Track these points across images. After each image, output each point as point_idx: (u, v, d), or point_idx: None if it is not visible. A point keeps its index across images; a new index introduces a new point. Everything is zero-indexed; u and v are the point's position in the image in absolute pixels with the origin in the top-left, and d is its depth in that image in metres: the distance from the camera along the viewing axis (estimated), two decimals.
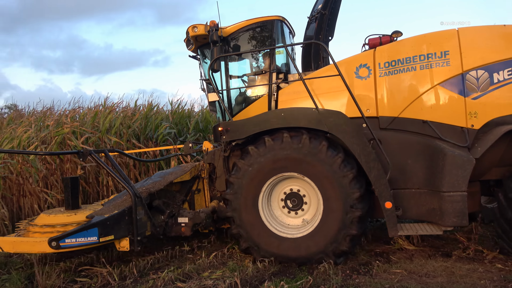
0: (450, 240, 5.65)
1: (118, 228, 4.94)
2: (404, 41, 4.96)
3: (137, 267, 5.06)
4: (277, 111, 5.15)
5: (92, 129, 9.23)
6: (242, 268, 4.77)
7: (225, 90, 5.82)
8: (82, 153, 5.33)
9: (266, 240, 4.95)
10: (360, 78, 5.03)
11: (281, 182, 5.17)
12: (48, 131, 8.67)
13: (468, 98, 4.57)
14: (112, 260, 5.50)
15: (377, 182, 4.58)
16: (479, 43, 4.59)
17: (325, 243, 4.71)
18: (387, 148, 4.83)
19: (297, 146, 4.77)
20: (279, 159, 4.86)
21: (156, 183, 5.59)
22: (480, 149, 4.42)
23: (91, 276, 4.88)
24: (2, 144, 8.32)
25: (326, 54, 5.89)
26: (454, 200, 4.35)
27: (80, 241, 4.70)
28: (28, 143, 8.41)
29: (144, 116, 10.36)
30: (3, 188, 7.86)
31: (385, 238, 5.83)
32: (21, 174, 7.96)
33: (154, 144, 9.56)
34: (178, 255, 5.64)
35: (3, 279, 4.79)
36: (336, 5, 5.92)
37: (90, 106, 10.99)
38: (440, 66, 4.66)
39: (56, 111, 10.63)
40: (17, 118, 10.31)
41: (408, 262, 4.82)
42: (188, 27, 5.76)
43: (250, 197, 4.99)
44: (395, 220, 4.55)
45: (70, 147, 8.61)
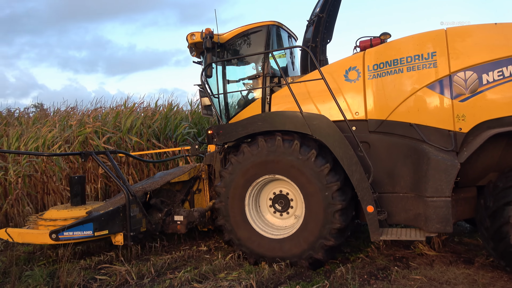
0: (472, 246, 5.49)
1: (112, 224, 5.33)
2: (392, 42, 4.86)
3: (154, 267, 5.15)
4: (263, 115, 5.28)
5: (114, 129, 9.44)
6: (258, 270, 4.79)
7: (221, 94, 5.99)
8: (84, 154, 5.80)
9: (247, 236, 5.12)
10: (349, 81, 4.99)
11: (272, 182, 5.29)
12: (71, 131, 8.90)
13: (455, 101, 4.40)
14: (131, 258, 5.62)
15: (359, 186, 4.56)
16: (468, 43, 4.39)
17: (302, 249, 4.79)
18: (375, 151, 4.80)
19: (287, 151, 4.86)
20: (266, 162, 4.98)
21: (153, 183, 5.93)
22: (466, 153, 4.27)
23: (110, 274, 5.00)
24: (27, 143, 8.61)
25: (323, 57, 5.93)
26: (437, 206, 4.24)
27: (76, 234, 5.17)
28: (53, 142, 8.67)
29: (164, 116, 10.52)
30: (28, 186, 8.11)
31: (405, 243, 5.72)
32: (45, 172, 8.23)
33: (173, 144, 9.67)
34: (195, 255, 5.70)
35: (26, 275, 4.96)
36: (334, 8, 5.89)
37: (112, 106, 11.20)
38: (427, 68, 4.52)
39: (79, 111, 10.88)
40: (42, 117, 10.63)
41: (428, 268, 4.71)
42: (187, 35, 5.97)
43: (238, 193, 5.16)
44: (377, 224, 4.51)
45: (92, 146, 8.81)
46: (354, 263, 5.06)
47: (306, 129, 4.85)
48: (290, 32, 6.42)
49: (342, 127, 4.81)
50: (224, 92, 5.97)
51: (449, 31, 4.47)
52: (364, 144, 4.83)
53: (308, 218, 4.78)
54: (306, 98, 5.20)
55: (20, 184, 7.96)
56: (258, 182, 5.13)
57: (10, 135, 9.10)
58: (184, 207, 6.25)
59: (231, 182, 5.18)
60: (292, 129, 4.94)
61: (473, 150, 4.20)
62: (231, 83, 6.04)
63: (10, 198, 7.90)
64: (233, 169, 5.17)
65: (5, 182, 8.11)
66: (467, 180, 4.61)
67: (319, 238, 4.68)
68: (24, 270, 5.18)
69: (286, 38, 6.27)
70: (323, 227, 4.66)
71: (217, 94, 5.99)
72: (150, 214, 5.90)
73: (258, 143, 5.03)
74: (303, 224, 4.83)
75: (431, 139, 4.48)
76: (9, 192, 8.02)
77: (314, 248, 4.71)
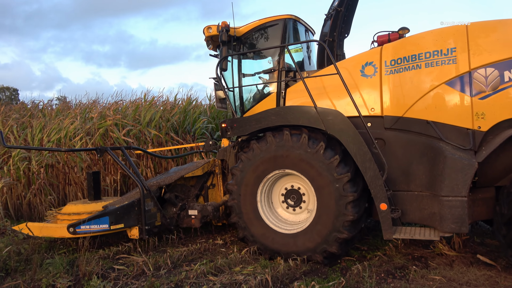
0: (494, 247, 5.32)
1: (128, 218, 5.47)
2: (410, 37, 4.74)
3: (171, 258, 5.20)
4: (277, 109, 5.24)
5: (133, 122, 9.56)
6: (273, 265, 4.77)
7: (236, 88, 5.97)
8: (100, 149, 5.92)
9: (261, 232, 5.14)
10: (365, 77, 4.90)
11: (283, 177, 5.28)
12: (92, 123, 9.05)
13: (475, 98, 4.26)
14: (148, 250, 5.70)
15: (372, 183, 4.50)
16: (490, 39, 4.23)
17: (315, 242, 4.77)
18: (390, 148, 4.72)
19: (295, 145, 4.83)
20: (275, 157, 4.97)
21: (167, 178, 6.00)
22: (485, 152, 4.14)
23: (127, 265, 5.08)
24: (50, 134, 8.80)
25: (340, 52, 5.85)
26: (453, 206, 4.14)
27: (93, 228, 5.35)
28: (74, 134, 8.84)
29: (182, 110, 10.60)
30: (50, 176, 8.31)
31: (424, 242, 5.61)
32: (67, 163, 8.39)
33: (191, 138, 9.73)
34: (211, 248, 5.74)
35: (47, 262, 5.09)
36: (353, 2, 5.78)
37: (132, 100, 11.35)
38: (446, 64, 4.39)
39: (100, 104, 11.06)
40: (64, 110, 10.85)
41: (448, 268, 4.60)
42: (204, 28, 5.98)
43: (250, 190, 5.17)
44: (390, 222, 4.45)
45: (113, 138, 8.95)
46: (371, 261, 5.00)
47: (320, 125, 4.81)
48: (307, 26, 6.35)
49: (357, 123, 4.75)
50: (239, 85, 5.95)
51: (470, 26, 4.33)
52: (379, 141, 4.77)
53: (321, 211, 4.76)
54: (322, 93, 5.14)
55: (43, 174, 8.17)
56: (269, 178, 5.13)
57: (34, 126, 9.33)
58: (199, 202, 6.31)
59: (242, 179, 5.19)
60: (306, 124, 4.91)
61: (492, 150, 4.08)
62: (247, 77, 6.03)
63: (33, 188, 8.12)
64: (244, 166, 5.18)
65: (28, 172, 8.34)
66: (485, 180, 4.50)
67: (332, 231, 4.66)
68: (45, 258, 5.32)
69: (303, 32, 6.20)
70: (336, 220, 4.63)
71: (232, 87, 5.99)
72: (165, 208, 5.99)
73: (267, 138, 5.02)
74: (315, 218, 4.81)
75: (448, 137, 4.38)
76: (32, 182, 8.25)
77: (328, 241, 4.69)
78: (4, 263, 5.04)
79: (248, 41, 5.93)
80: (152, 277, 4.65)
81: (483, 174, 4.36)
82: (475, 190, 4.53)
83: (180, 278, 4.54)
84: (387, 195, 4.49)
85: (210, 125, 10.28)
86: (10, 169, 8.27)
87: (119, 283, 4.52)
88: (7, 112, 11.07)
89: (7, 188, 8.07)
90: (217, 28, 5.70)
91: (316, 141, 4.79)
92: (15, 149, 8.29)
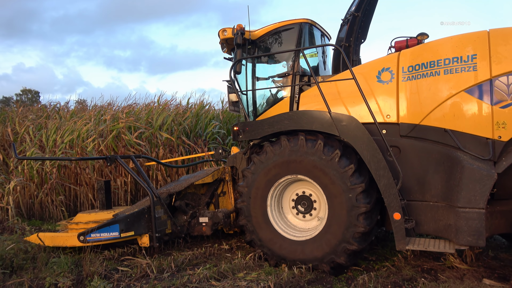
0: (508, 262, 5.11)
1: (138, 225, 5.42)
2: (429, 43, 4.62)
3: (175, 262, 5.17)
4: (290, 113, 5.15)
5: (146, 125, 9.61)
6: (277, 272, 4.69)
7: (250, 91, 5.91)
8: (110, 158, 5.92)
9: (269, 237, 5.04)
10: (381, 83, 4.80)
11: (295, 183, 5.20)
12: (105, 125, 9.14)
13: (496, 107, 4.11)
14: (153, 252, 5.69)
15: (386, 192, 4.39)
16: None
17: (323, 252, 4.66)
18: (406, 156, 4.60)
19: (310, 150, 4.74)
20: (288, 161, 4.88)
21: (177, 185, 5.96)
22: (505, 163, 3.99)
23: (132, 266, 5.07)
24: (63, 135, 8.90)
25: (356, 57, 5.76)
26: (470, 217, 3.99)
27: (103, 236, 5.30)
28: (87, 135, 8.93)
29: (195, 114, 10.61)
30: (62, 176, 8.41)
31: (434, 254, 5.42)
32: (78, 164, 8.47)
33: (203, 142, 9.73)
34: (216, 253, 5.68)
35: (53, 261, 5.12)
36: (371, 8, 5.70)
37: (146, 103, 11.44)
38: (466, 71, 4.25)
39: (114, 107, 11.19)
40: (79, 111, 10.99)
41: (458, 282, 4.42)
42: (219, 31, 5.94)
43: (260, 193, 5.10)
44: (403, 232, 4.32)
45: (125, 141, 9.01)
46: (378, 271, 4.85)
47: (334, 130, 4.72)
48: (323, 31, 6.28)
49: (372, 130, 4.65)
50: (253, 89, 5.90)
51: (491, 32, 4.19)
52: (395, 149, 4.64)
53: (331, 220, 4.64)
54: (337, 99, 5.05)
55: (55, 175, 8.26)
56: (280, 183, 5.04)
57: (49, 127, 9.48)
58: (210, 210, 6.25)
59: (254, 181, 5.11)
60: (319, 129, 4.82)
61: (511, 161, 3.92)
62: (260, 81, 5.98)
63: (45, 187, 8.22)
64: (256, 169, 5.09)
65: (42, 172, 8.46)
66: (504, 192, 4.33)
67: (341, 241, 4.54)
68: (51, 257, 5.34)
69: (319, 37, 6.13)
70: (346, 230, 4.51)
71: (246, 90, 5.93)
72: (176, 216, 5.95)
73: (281, 142, 4.94)
74: (325, 227, 4.70)
75: (466, 147, 4.23)
76: (45, 182, 8.36)
77: (336, 252, 4.57)
78: (10, 261, 5.09)
79: (263, 45, 5.89)
80: (154, 280, 4.63)
81: (502, 186, 4.21)
82: (493, 202, 4.37)
83: (182, 282, 4.50)
84: (401, 205, 4.36)
85: (221, 130, 10.27)
86: (24, 169, 8.40)
87: (121, 284, 4.51)
88: (24, 113, 11.30)
89: (20, 187, 8.19)
90: (232, 30, 5.65)
91: (332, 148, 4.70)
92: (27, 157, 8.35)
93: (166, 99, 11.54)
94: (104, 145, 8.80)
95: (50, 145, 8.92)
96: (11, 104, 16.71)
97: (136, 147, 9.00)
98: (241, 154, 5.95)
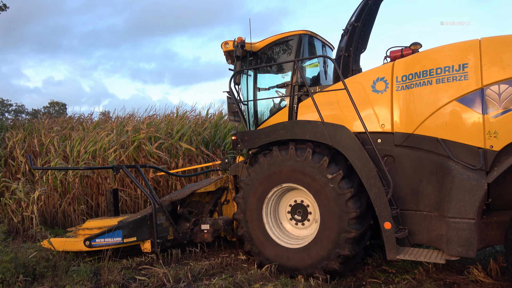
0: None
1: (140, 231, 5.65)
2: (422, 53, 4.63)
3: (192, 271, 5.19)
4: (285, 123, 5.26)
5: (166, 135, 9.75)
6: (294, 284, 4.66)
7: (250, 101, 6.08)
8: (116, 167, 6.25)
9: (260, 236, 5.17)
10: (376, 92, 4.84)
11: (290, 192, 5.30)
12: (127, 136, 9.32)
13: (487, 116, 4.06)
14: (170, 262, 5.73)
15: (377, 201, 4.40)
16: (504, 55, 4.02)
17: (317, 258, 4.71)
18: (400, 166, 4.62)
19: (299, 159, 4.84)
20: (281, 170, 5.00)
21: (180, 193, 6.18)
22: (496, 173, 3.92)
23: (149, 276, 5.12)
24: (87, 146, 9.12)
25: (356, 67, 5.80)
26: (460, 228, 3.97)
27: (107, 241, 5.56)
28: (109, 146, 9.13)
29: (213, 125, 10.69)
30: (84, 186, 8.60)
31: (458, 267, 5.25)
32: (100, 174, 8.65)
33: (221, 152, 9.79)
34: (233, 263, 5.67)
35: (73, 270, 5.24)
36: (370, 18, 5.73)
37: (165, 114, 11.62)
38: (457, 80, 4.23)
39: (135, 118, 11.41)
40: (102, 122, 11.26)
41: None
42: (222, 43, 6.13)
43: (255, 203, 5.22)
44: (394, 241, 4.30)
45: (145, 151, 9.16)
46: (398, 284, 4.71)
47: (326, 139, 4.79)
48: (324, 42, 6.38)
49: (366, 139, 4.72)
50: (254, 99, 6.05)
51: (483, 41, 4.17)
52: (389, 158, 4.68)
53: (324, 226, 4.74)
54: (335, 108, 5.15)
55: (77, 184, 8.47)
56: (275, 192, 5.16)
57: (73, 138, 9.76)
58: (213, 217, 6.39)
59: (249, 192, 5.24)
60: (312, 138, 4.90)
61: (503, 170, 3.86)
62: (262, 91, 6.13)
63: (67, 197, 8.43)
64: (250, 180, 5.23)
65: (65, 182, 8.69)
66: (501, 202, 4.25)
67: (334, 247, 4.61)
68: (71, 266, 5.47)
69: (319, 47, 6.23)
70: (338, 236, 4.58)
71: (246, 101, 6.10)
72: (179, 223, 6.16)
73: (273, 152, 5.07)
74: (318, 233, 4.80)
75: (459, 156, 4.21)
76: (68, 191, 8.57)
77: (330, 258, 4.64)
78: (33, 268, 5.22)
79: (264, 56, 6.06)
80: None
81: (499, 196, 4.15)
82: (490, 213, 4.30)
83: None
84: (393, 214, 4.37)
85: None
86: (49, 179, 8.65)
87: None
88: (50, 125, 11.66)
89: (45, 196, 8.43)
90: (233, 43, 5.83)
91: (320, 155, 4.79)
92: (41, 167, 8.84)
93: (185, 110, 11.71)
94: (126, 155, 8.97)
95: (74, 155, 9.16)
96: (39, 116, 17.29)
97: (155, 157, 9.13)
98: (242, 163, 6.09)
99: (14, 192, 8.33)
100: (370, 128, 4.78)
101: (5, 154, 9.89)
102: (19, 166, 9.43)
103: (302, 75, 5.13)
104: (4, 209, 8.52)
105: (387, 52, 5.09)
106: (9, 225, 8.26)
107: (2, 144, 10.36)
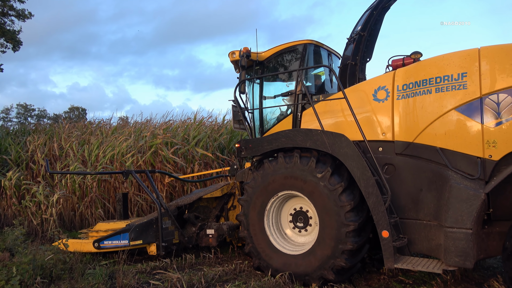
0: None
1: (146, 235, 5.84)
2: (422, 62, 4.62)
3: (205, 277, 5.19)
4: (287, 131, 5.30)
5: (182, 141, 9.83)
6: None
7: (256, 110, 6.20)
8: (125, 173, 6.46)
9: (266, 249, 5.22)
10: (377, 101, 4.87)
11: (292, 199, 5.35)
12: (145, 141, 9.44)
13: (486, 125, 4.01)
14: (184, 267, 5.76)
15: (375, 209, 4.40)
16: (503, 64, 3.98)
17: (313, 267, 4.75)
18: (400, 174, 4.62)
19: (303, 167, 4.88)
20: (284, 177, 5.05)
21: (186, 198, 6.34)
22: (493, 183, 3.88)
23: (163, 280, 5.14)
24: (106, 150, 9.28)
25: (362, 76, 5.82)
26: (457, 238, 3.94)
27: (115, 243, 5.78)
28: (127, 150, 9.26)
29: (229, 131, 10.73)
30: (102, 190, 8.74)
31: (477, 279, 5.10)
32: (117, 178, 8.78)
33: (235, 158, 9.80)
34: (247, 270, 5.65)
35: (88, 273, 5.33)
36: (376, 27, 5.77)
37: (182, 119, 11.73)
38: (456, 89, 4.21)
39: (153, 123, 11.56)
40: (120, 128, 11.45)
41: None
42: (229, 53, 6.27)
43: (258, 208, 5.28)
44: (391, 250, 4.28)
45: (161, 156, 9.25)
46: None
47: (326, 148, 4.82)
48: (331, 51, 6.43)
49: (367, 147, 4.74)
50: (260, 107, 6.16)
51: (482, 50, 4.14)
52: (390, 166, 4.68)
53: (321, 236, 4.75)
54: (339, 116, 5.19)
55: (95, 188, 8.62)
56: (277, 198, 5.22)
57: (92, 143, 9.94)
58: (212, 221, 6.50)
59: (253, 195, 5.31)
60: (312, 146, 4.94)
61: (500, 180, 3.82)
62: (267, 99, 6.23)
63: (85, 200, 8.58)
64: (255, 184, 5.29)
65: (83, 185, 8.85)
66: (502, 213, 4.17)
67: (330, 257, 4.63)
68: (87, 268, 5.57)
69: (326, 56, 6.29)
70: (335, 247, 4.59)
71: (252, 109, 6.21)
72: (186, 228, 6.29)
73: (278, 159, 5.12)
74: (316, 242, 4.82)
75: (457, 165, 4.18)
76: (86, 195, 8.72)
77: (325, 267, 4.66)
78: (50, 271, 5.31)
79: (270, 65, 6.16)
80: None
81: (500, 206, 4.09)
82: (492, 223, 4.25)
83: None
84: (392, 222, 4.36)
85: None
86: (67, 182, 8.83)
87: None
88: (70, 130, 11.92)
89: (63, 199, 8.59)
90: (239, 53, 5.94)
91: (324, 165, 4.81)
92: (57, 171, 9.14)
93: (202, 116, 11.80)
94: (143, 160, 9.08)
95: (92, 159, 9.33)
96: (59, 121, 17.71)
97: (171, 162, 9.21)
98: (247, 170, 6.16)
99: (34, 194, 8.53)
100: (372, 136, 4.81)
101: (27, 157, 10.17)
102: (39, 169, 9.69)
103: (303, 84, 5.20)
104: (24, 211, 8.75)
105: (389, 61, 5.12)
106: (29, 227, 8.48)
107: (24, 147, 10.66)
